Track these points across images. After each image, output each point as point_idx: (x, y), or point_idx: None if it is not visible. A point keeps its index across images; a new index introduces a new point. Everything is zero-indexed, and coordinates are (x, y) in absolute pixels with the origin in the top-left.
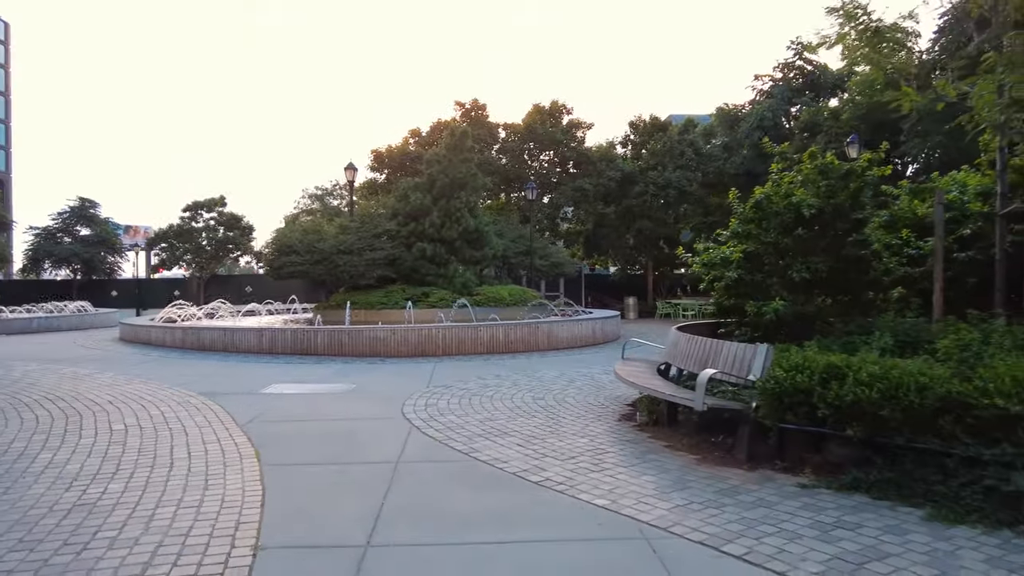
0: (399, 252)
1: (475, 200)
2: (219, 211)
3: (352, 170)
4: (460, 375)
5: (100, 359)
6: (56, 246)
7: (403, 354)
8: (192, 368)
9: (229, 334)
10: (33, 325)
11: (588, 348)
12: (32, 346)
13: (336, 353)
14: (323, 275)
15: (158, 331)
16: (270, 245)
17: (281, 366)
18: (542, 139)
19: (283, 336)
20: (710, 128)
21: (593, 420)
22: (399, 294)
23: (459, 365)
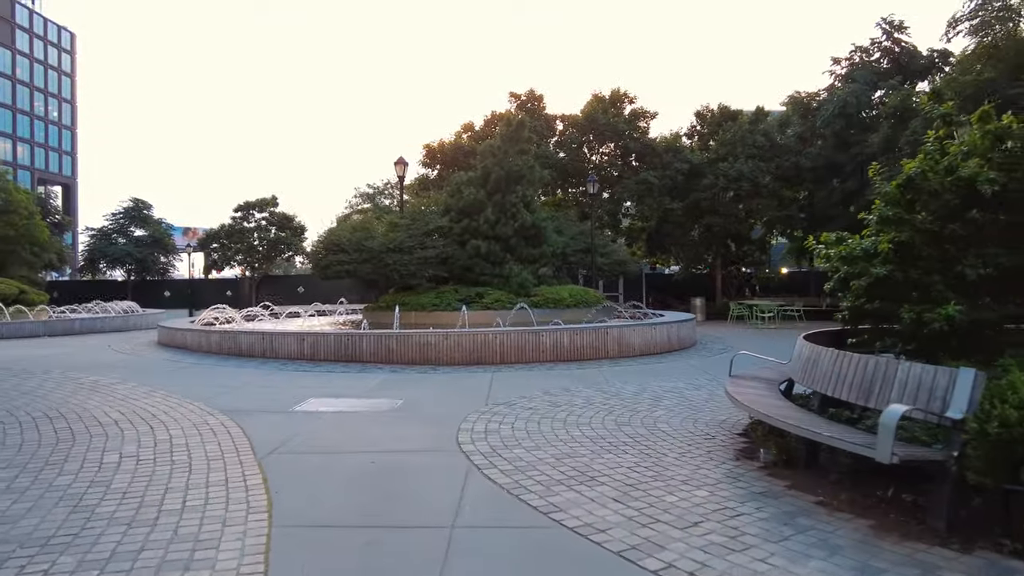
0: (452, 250)
1: (532, 194)
2: (271, 211)
3: (402, 164)
4: (523, 389)
5: (128, 366)
6: (110, 246)
7: (456, 362)
8: (223, 378)
9: (268, 339)
10: (76, 326)
11: (663, 356)
12: (66, 349)
13: (383, 360)
14: (372, 274)
15: (194, 335)
16: (317, 244)
17: (321, 375)
18: (604, 130)
19: (325, 341)
20: (784, 117)
21: (703, 458)
22: (452, 295)
23: (520, 376)
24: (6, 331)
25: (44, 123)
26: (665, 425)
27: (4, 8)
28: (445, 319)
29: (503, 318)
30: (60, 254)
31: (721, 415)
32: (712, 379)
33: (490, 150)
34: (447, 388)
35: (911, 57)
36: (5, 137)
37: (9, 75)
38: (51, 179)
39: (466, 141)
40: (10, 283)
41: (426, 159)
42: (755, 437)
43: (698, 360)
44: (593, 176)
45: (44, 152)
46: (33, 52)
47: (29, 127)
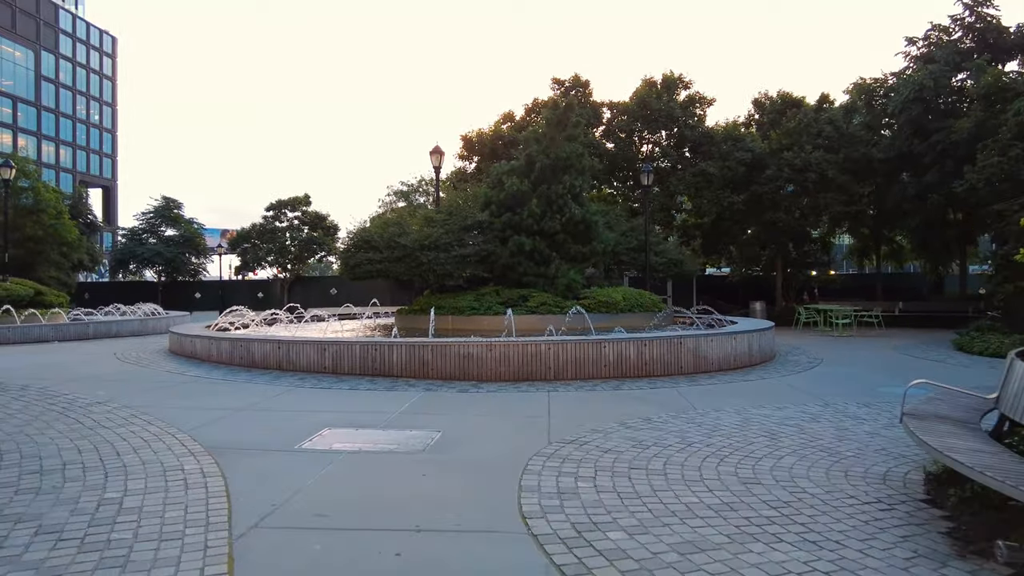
0: (492, 247)
1: (582, 185)
2: (303, 210)
3: (438, 154)
4: (591, 417)
5: (123, 379)
6: (140, 246)
7: (503, 377)
8: (225, 396)
9: (284, 348)
10: (89, 331)
11: (747, 371)
12: (67, 356)
13: (416, 375)
14: (405, 274)
15: (203, 342)
16: (346, 241)
17: (343, 394)
18: (658, 116)
19: (350, 352)
20: (850, 104)
21: (902, 547)
22: (493, 297)
23: (583, 398)
24: (13, 335)
25: (86, 126)
26: (809, 483)
27: (48, 13)
28: (485, 325)
29: (550, 324)
30: (92, 255)
31: (873, 461)
32: (825, 404)
33: (534, 136)
34: (495, 415)
35: (999, 34)
36: (48, 140)
37: (53, 79)
38: (92, 181)
39: (507, 130)
40: (25, 284)
41: (463, 151)
42: (952, 506)
43: (793, 378)
44: (648, 165)
45: (85, 155)
46: (76, 56)
47: (71, 130)
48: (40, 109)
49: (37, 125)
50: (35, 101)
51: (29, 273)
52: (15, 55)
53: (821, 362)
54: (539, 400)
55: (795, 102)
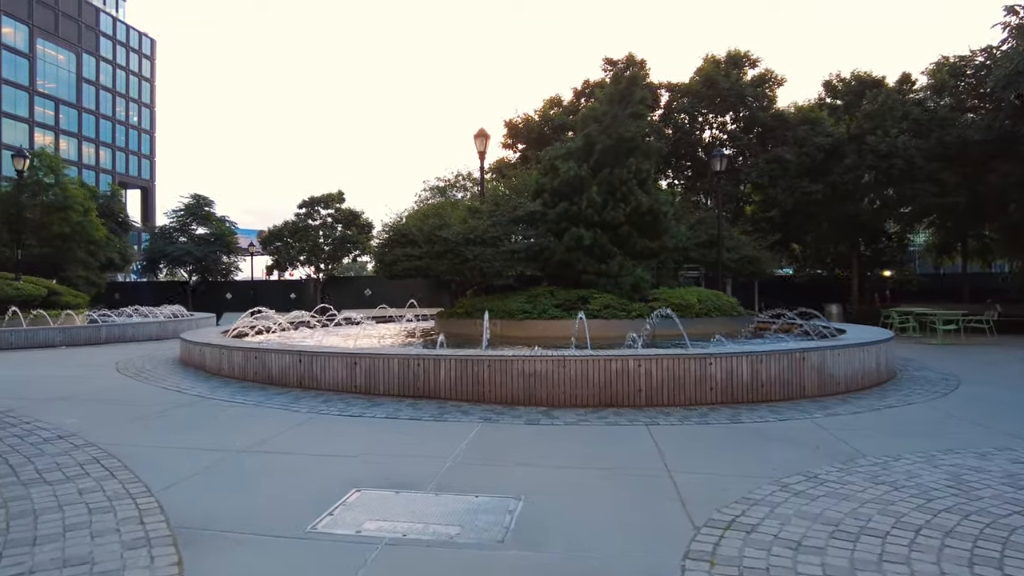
0: (546, 242)
1: (648, 170)
2: (336, 207)
3: (483, 137)
4: (730, 472)
5: (109, 399)
6: (170, 245)
7: (579, 402)
8: (226, 429)
9: (307, 361)
10: (101, 335)
11: (877, 392)
12: (59, 366)
13: (469, 397)
14: (448, 272)
15: (213, 352)
16: (381, 235)
17: (378, 426)
18: (726, 96)
19: (387, 368)
20: (939, 83)
21: None
22: (547, 299)
23: (696, 435)
24: (16, 339)
25: (125, 128)
26: None
27: (90, 16)
28: (539, 331)
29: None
30: (124, 254)
31: None
32: None
33: (593, 115)
34: (591, 465)
35: None
36: (89, 141)
37: (93, 81)
38: (131, 182)
39: (556, 114)
40: (39, 283)
41: (507, 139)
42: None
43: (940, 402)
44: (719, 150)
45: (124, 156)
46: (116, 58)
47: (111, 132)
48: (81, 111)
49: (78, 127)
50: (76, 103)
51: (57, 272)
52: (58, 58)
53: (959, 380)
54: (639, 439)
55: (874, 82)
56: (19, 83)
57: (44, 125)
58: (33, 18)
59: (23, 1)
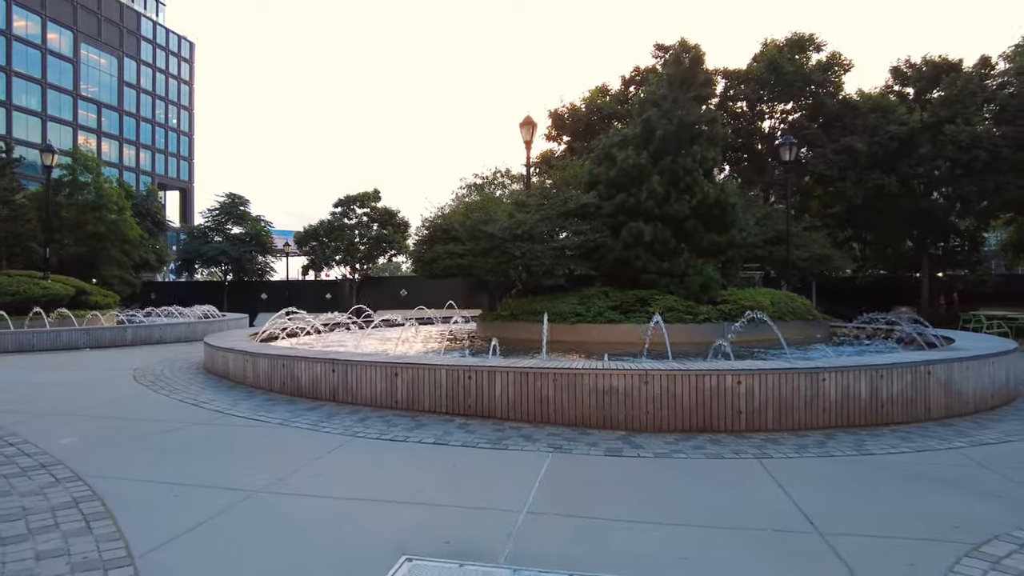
0: (601, 237)
1: (715, 158)
2: (372, 206)
3: (530, 126)
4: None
5: (113, 415)
6: (204, 245)
7: (665, 426)
8: (241, 459)
9: (341, 371)
10: (128, 337)
11: (1010, 413)
12: (74, 372)
13: (531, 417)
14: (493, 271)
15: (237, 359)
16: (420, 231)
17: (426, 456)
18: (791, 81)
19: (433, 380)
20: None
21: None
22: (601, 301)
23: (823, 473)
24: (39, 341)
25: (165, 130)
26: None
27: (131, 21)
28: (593, 336)
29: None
30: (159, 254)
31: None
32: None
33: (651, 99)
34: (709, 524)
35: None
36: (130, 144)
37: (134, 84)
38: (170, 184)
39: (605, 102)
40: (68, 282)
41: (551, 130)
42: None
43: None
44: (789, 137)
45: (164, 158)
46: (156, 62)
47: (151, 134)
48: (122, 114)
49: (119, 129)
50: (117, 106)
51: (92, 272)
52: (100, 62)
53: None
54: (754, 478)
55: (949, 67)
56: (63, 87)
57: (87, 128)
58: (77, 24)
59: (68, 7)
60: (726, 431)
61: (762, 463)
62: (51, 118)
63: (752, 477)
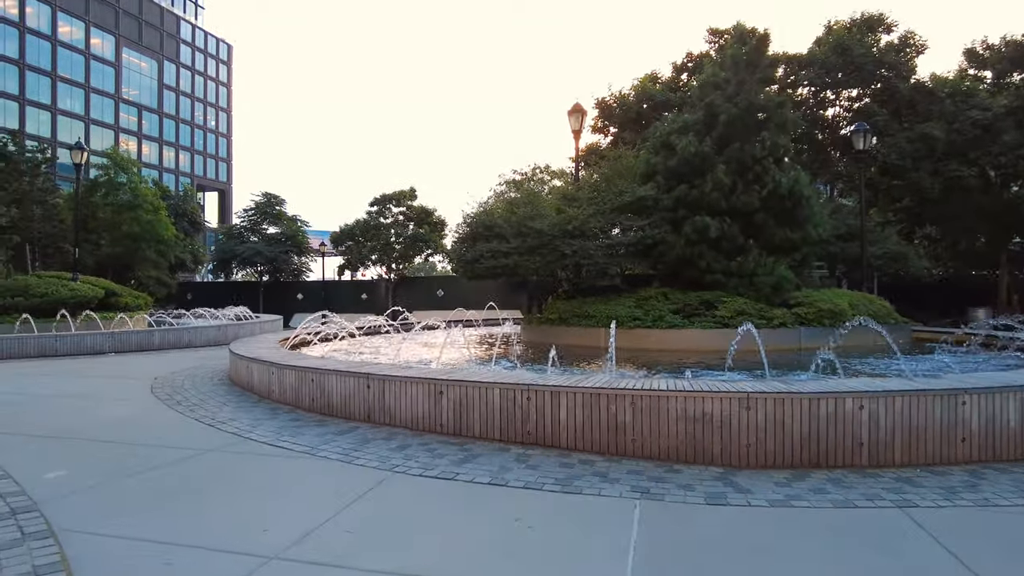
0: (660, 233)
1: (786, 145)
2: (408, 204)
3: (579, 113)
4: None
5: (117, 439)
6: (240, 245)
7: (772, 461)
8: (250, 511)
9: (377, 388)
10: (155, 341)
11: None
12: (88, 381)
13: (603, 448)
14: (540, 271)
15: (262, 370)
16: (461, 229)
17: (479, 504)
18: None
19: (485, 400)
20: None
21: None
22: (660, 303)
23: (993, 527)
24: (61, 345)
25: (203, 132)
26: None
27: (171, 24)
28: (652, 343)
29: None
30: (195, 254)
31: None
32: None
33: (713, 82)
34: None
35: None
36: (169, 146)
37: (174, 87)
38: (209, 185)
39: (657, 89)
40: (97, 284)
41: (597, 121)
42: None
43: None
44: (863, 124)
45: (203, 159)
46: (195, 64)
47: (190, 136)
48: (162, 116)
49: (159, 131)
50: (157, 109)
51: (127, 272)
52: (141, 66)
53: None
54: (907, 537)
55: None
56: (105, 91)
57: (128, 131)
58: (119, 28)
59: (110, 12)
60: (844, 466)
61: (909, 515)
62: (94, 121)
63: (906, 538)
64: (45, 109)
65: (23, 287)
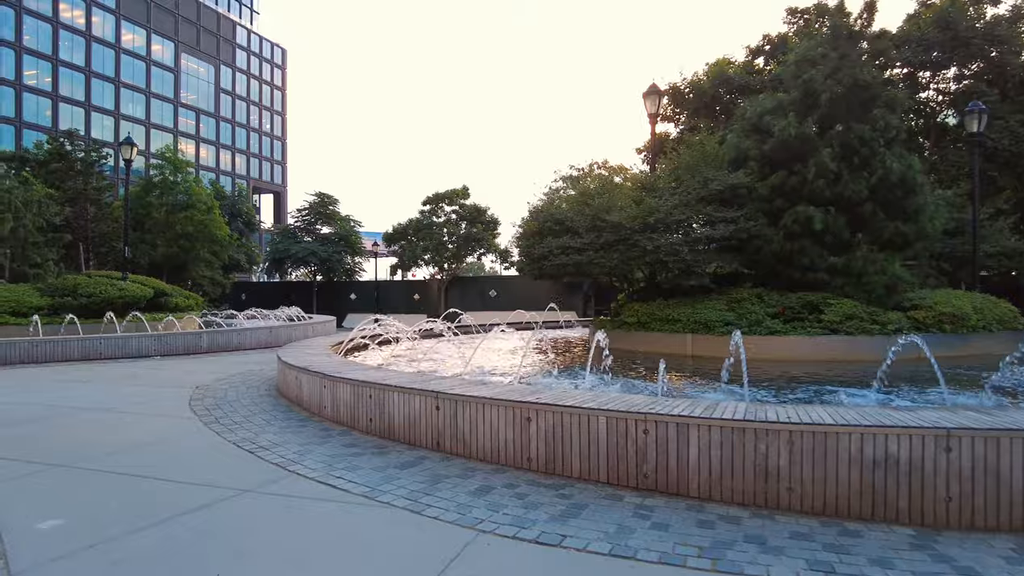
0: (755, 227)
1: (898, 126)
2: (461, 203)
3: (655, 95)
4: None
5: (136, 472)
6: (294, 245)
7: (982, 523)
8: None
9: (449, 409)
10: (203, 343)
11: None
12: (124, 388)
13: (748, 498)
14: (617, 269)
15: (312, 383)
16: (526, 224)
17: None
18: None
19: (585, 430)
20: None
21: None
22: (755, 306)
23: None
24: (106, 348)
25: (259, 135)
26: None
27: (227, 30)
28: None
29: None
30: (249, 254)
31: None
32: None
33: (809, 57)
34: None
35: None
36: (226, 149)
37: (230, 91)
38: (264, 187)
39: (735, 70)
40: (147, 283)
41: (667, 108)
42: None
43: None
44: (977, 103)
45: (259, 162)
46: (250, 69)
47: (246, 139)
48: (219, 120)
49: (216, 135)
50: (215, 112)
51: (182, 272)
52: (199, 71)
53: None
54: None
55: None
56: (165, 96)
57: (186, 134)
58: (178, 34)
59: (170, 19)
60: None
61: None
62: (154, 125)
63: None
64: (109, 114)
65: (72, 287)
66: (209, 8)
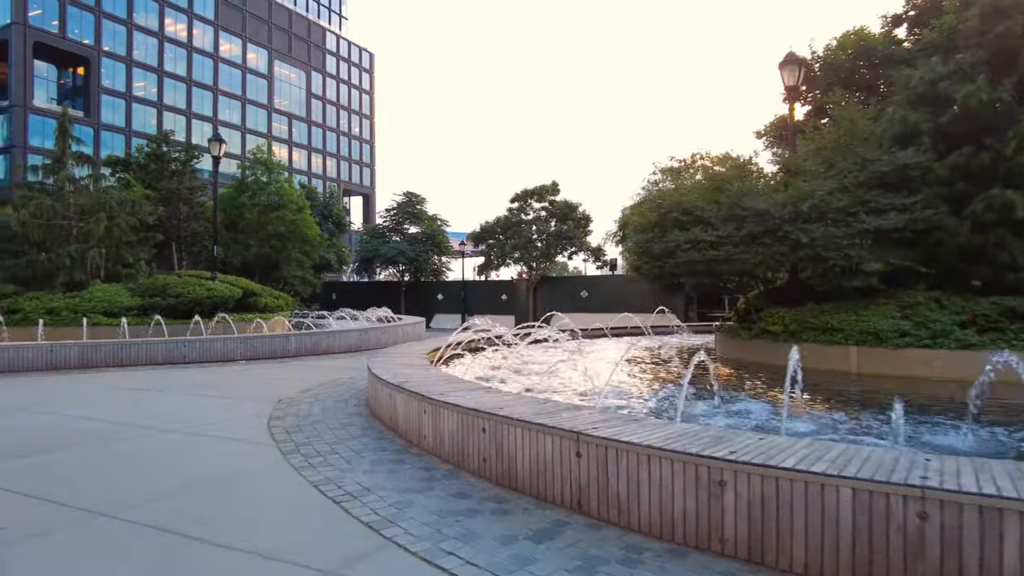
0: (935, 216)
1: None
2: (550, 200)
3: (794, 65)
4: None
5: (185, 523)
6: (383, 244)
7: None
8: None
9: (594, 457)
10: (291, 347)
11: None
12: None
13: None
14: (761, 266)
15: (409, 406)
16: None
17: None
18: None
19: (821, 505)
20: None
21: None
22: (935, 312)
23: None
24: (192, 352)
25: (348, 138)
26: None
27: (317, 36)
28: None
29: None
30: (339, 254)
31: None
32: None
33: (1001, 6)
34: None
35: None
36: (317, 153)
37: (320, 96)
38: (354, 190)
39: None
40: (236, 283)
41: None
42: None
43: None
44: None
45: (348, 165)
46: (339, 74)
47: (336, 143)
48: (310, 124)
49: (307, 139)
50: (306, 117)
51: (274, 272)
52: (291, 77)
53: None
54: None
55: None
56: (260, 102)
57: (279, 139)
58: (271, 42)
59: (264, 28)
60: None
61: None
62: (249, 131)
63: None
64: (207, 121)
65: (161, 287)
66: (300, 16)
